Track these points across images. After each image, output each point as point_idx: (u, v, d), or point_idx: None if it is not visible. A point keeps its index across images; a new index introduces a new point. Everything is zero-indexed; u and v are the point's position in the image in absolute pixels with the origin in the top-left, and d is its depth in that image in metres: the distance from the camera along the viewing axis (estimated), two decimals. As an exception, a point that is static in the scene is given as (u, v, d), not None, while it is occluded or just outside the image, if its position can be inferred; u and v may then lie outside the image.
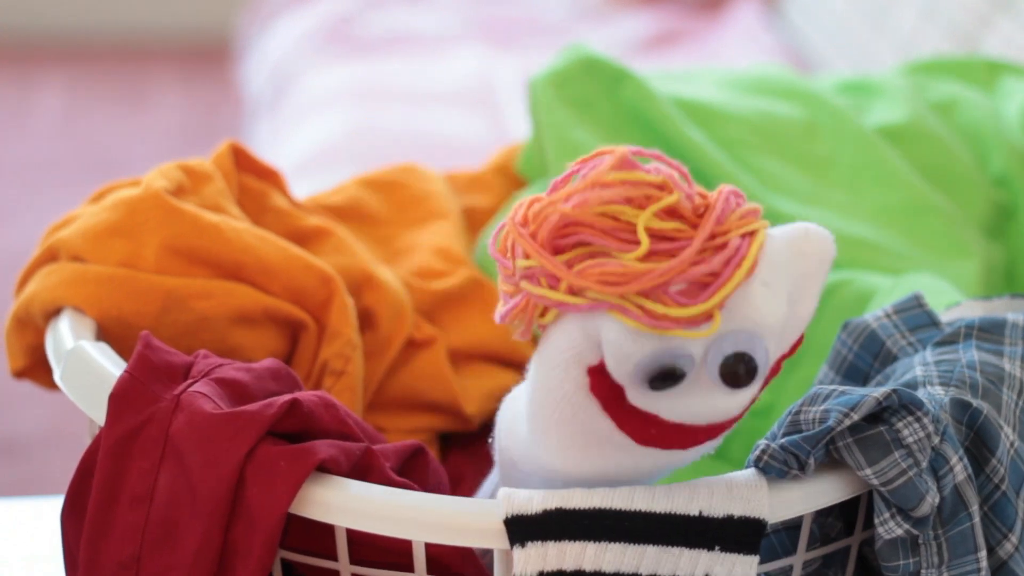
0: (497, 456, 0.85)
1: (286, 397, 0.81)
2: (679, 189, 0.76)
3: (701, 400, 0.77)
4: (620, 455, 0.78)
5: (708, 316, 0.74)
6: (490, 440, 0.86)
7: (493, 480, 0.90)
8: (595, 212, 0.76)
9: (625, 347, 0.75)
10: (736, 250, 0.75)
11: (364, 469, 0.82)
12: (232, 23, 3.28)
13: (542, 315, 0.78)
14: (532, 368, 0.79)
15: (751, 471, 0.80)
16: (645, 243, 0.75)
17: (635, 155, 0.78)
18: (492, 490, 0.90)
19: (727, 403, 0.77)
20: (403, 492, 0.79)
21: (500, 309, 0.79)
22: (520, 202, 0.78)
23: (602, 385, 0.77)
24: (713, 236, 0.75)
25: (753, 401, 0.79)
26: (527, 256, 0.77)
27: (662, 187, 0.76)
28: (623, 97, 1.16)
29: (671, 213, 0.76)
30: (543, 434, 0.79)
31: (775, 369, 0.79)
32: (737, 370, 0.75)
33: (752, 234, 0.76)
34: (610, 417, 0.77)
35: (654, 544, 0.77)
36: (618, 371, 0.76)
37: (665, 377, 0.75)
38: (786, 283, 0.77)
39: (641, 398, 0.76)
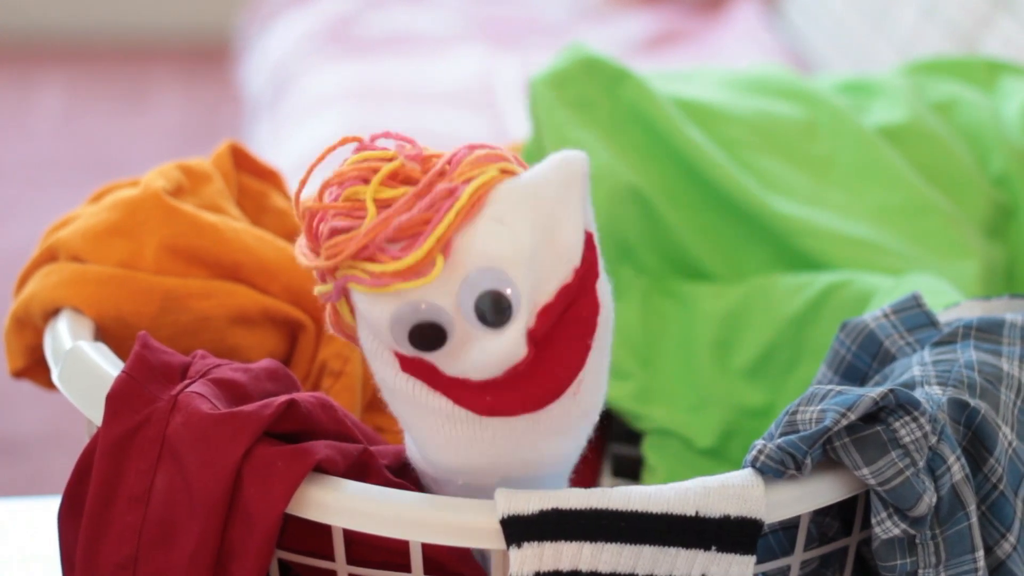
0: (416, 468, 0.85)
1: (283, 398, 0.81)
2: (404, 156, 0.77)
3: (480, 349, 0.76)
4: (483, 437, 0.79)
5: (430, 263, 0.75)
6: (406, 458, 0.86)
7: None
8: (339, 200, 0.77)
9: (370, 313, 0.76)
10: (448, 195, 0.75)
11: (361, 470, 0.82)
12: (232, 23, 3.28)
13: (322, 299, 0.80)
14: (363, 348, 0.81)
15: (748, 471, 0.80)
16: (371, 212, 0.76)
17: (375, 138, 0.80)
18: None
19: (501, 342, 0.76)
20: (400, 492, 0.79)
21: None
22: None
23: (407, 362, 0.78)
24: (434, 182, 0.76)
25: (534, 335, 0.77)
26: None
27: (390, 159, 0.78)
28: (623, 97, 1.16)
29: (405, 181, 0.77)
30: (409, 430, 0.81)
31: (576, 289, 0.78)
32: (488, 307, 0.75)
33: (473, 178, 0.76)
34: (438, 392, 0.78)
35: (650, 544, 0.77)
36: (384, 340, 0.77)
37: (425, 334, 0.76)
38: (528, 213, 0.76)
39: (433, 360, 0.77)
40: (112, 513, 0.81)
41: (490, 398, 0.78)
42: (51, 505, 1.08)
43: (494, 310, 0.76)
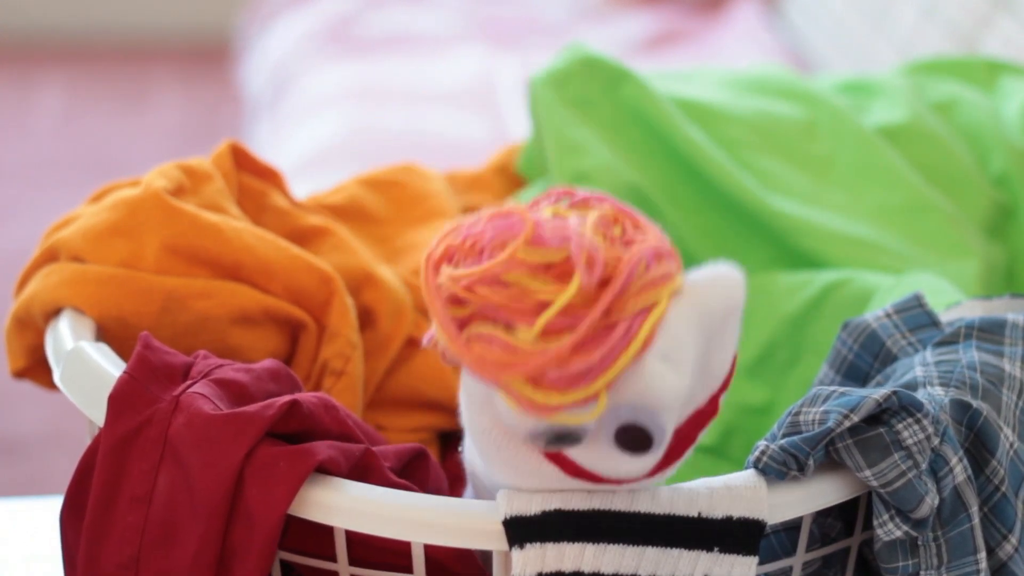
0: (467, 468, 0.85)
1: (286, 398, 0.81)
2: (580, 270, 0.73)
3: (606, 458, 0.76)
4: (560, 482, 0.78)
5: (594, 397, 0.73)
6: (460, 450, 0.86)
7: (469, 491, 0.90)
8: (493, 289, 0.73)
9: (513, 421, 0.74)
10: (625, 332, 0.73)
11: (364, 470, 0.82)
12: (232, 23, 3.28)
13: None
14: (460, 397, 0.79)
15: (750, 472, 0.80)
16: (540, 324, 0.72)
17: (545, 224, 0.74)
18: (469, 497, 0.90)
19: (631, 465, 0.76)
20: (402, 493, 0.79)
21: (425, 338, 0.79)
22: (439, 240, 0.76)
23: None
24: (608, 312, 0.73)
25: (670, 455, 0.77)
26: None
27: (566, 263, 0.73)
28: (623, 97, 1.16)
29: (561, 275, 0.73)
30: (485, 459, 0.79)
31: (710, 411, 0.78)
32: (629, 439, 0.74)
33: (650, 308, 0.73)
34: (544, 458, 0.77)
35: (653, 545, 0.77)
36: (514, 437, 0.76)
37: (561, 440, 0.75)
38: (692, 348, 0.75)
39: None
40: (114, 514, 0.81)
41: (581, 471, 0.77)
42: (52, 505, 1.08)
43: (633, 443, 0.74)
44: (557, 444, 0.74)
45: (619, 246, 0.75)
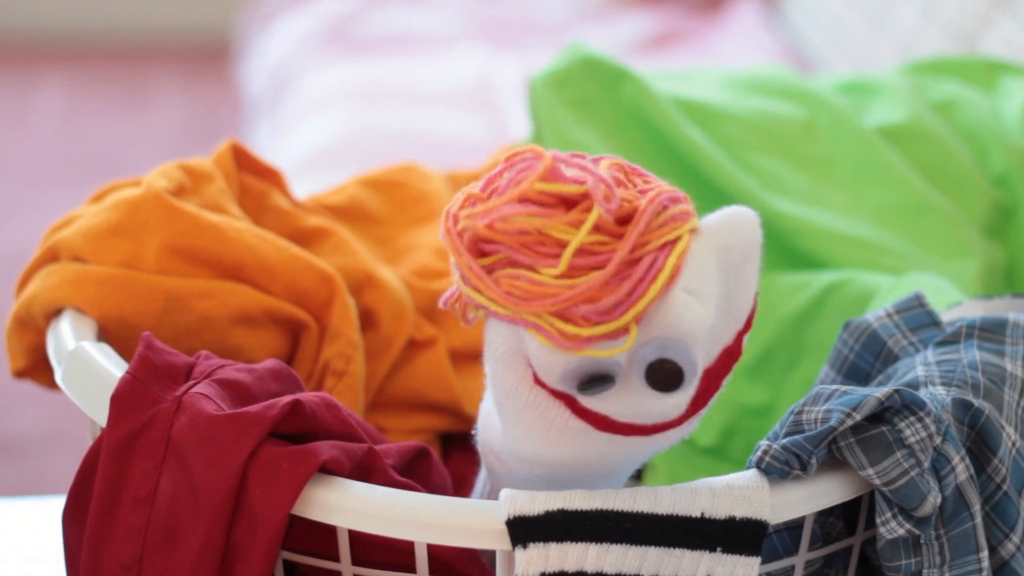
0: (480, 449, 0.85)
1: (288, 398, 0.81)
2: (599, 203, 0.75)
3: (638, 401, 0.77)
4: (586, 441, 0.79)
5: (624, 330, 0.74)
6: (473, 433, 0.86)
7: (481, 479, 0.91)
8: (514, 227, 0.75)
9: (545, 360, 0.76)
10: (650, 266, 0.74)
11: (366, 470, 0.82)
12: (232, 23, 3.28)
13: (477, 307, 0.78)
14: (487, 356, 0.80)
15: (753, 472, 0.80)
16: (565, 261, 0.74)
17: (561, 162, 0.77)
18: (482, 485, 0.90)
19: (664, 405, 0.77)
20: (405, 493, 0.79)
21: (441, 300, 0.80)
22: (461, 193, 0.78)
23: (551, 389, 0.78)
24: (633, 248, 0.75)
25: (700, 397, 0.78)
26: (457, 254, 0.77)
27: (584, 198, 0.76)
28: (623, 97, 1.16)
29: (597, 227, 0.75)
30: (508, 424, 0.80)
31: (735, 350, 0.79)
32: (661, 376, 0.75)
33: (673, 243, 0.75)
34: (563, 404, 0.78)
35: (656, 545, 0.77)
36: (547, 379, 0.76)
37: (593, 382, 0.75)
38: (715, 283, 0.76)
39: (581, 398, 0.77)
40: (117, 514, 0.81)
41: (610, 421, 0.78)
42: (52, 505, 1.08)
43: (669, 381, 0.75)
44: (590, 387, 0.75)
45: (633, 190, 0.77)
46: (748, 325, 0.79)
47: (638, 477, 1.09)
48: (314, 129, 2.14)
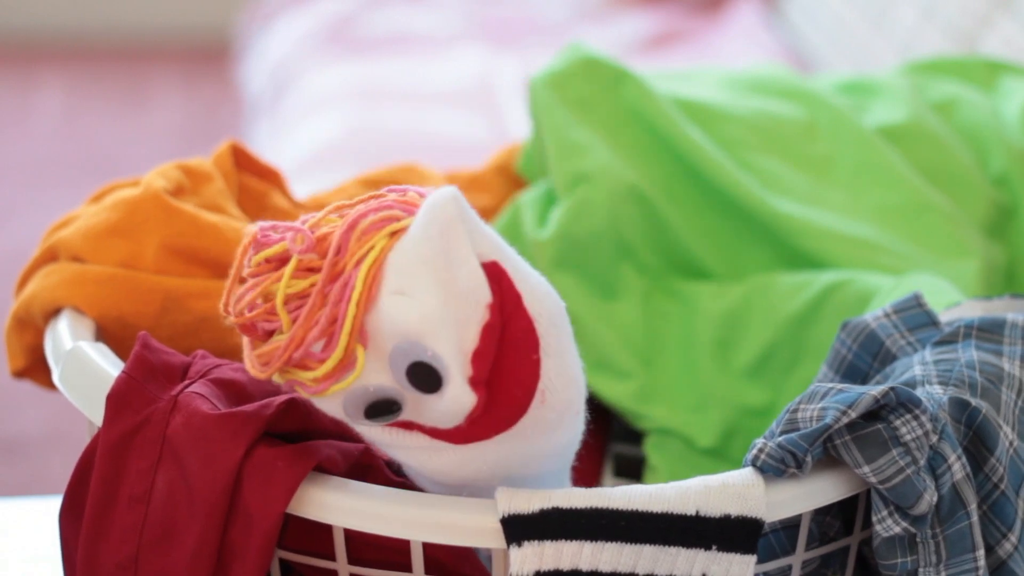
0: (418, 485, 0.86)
1: (283, 397, 0.81)
2: (292, 248, 0.77)
3: (431, 407, 0.77)
4: (465, 456, 0.79)
5: (351, 355, 0.75)
6: None
7: None
8: (245, 305, 0.78)
9: (323, 406, 0.78)
10: (343, 287, 0.75)
11: (362, 469, 0.82)
12: (232, 23, 3.28)
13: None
14: None
15: (748, 470, 0.80)
16: (285, 321, 0.76)
17: (264, 230, 0.78)
18: None
19: (451, 404, 0.77)
20: (400, 492, 0.79)
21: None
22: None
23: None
24: (331, 277, 0.76)
25: (477, 379, 0.77)
26: None
27: (285, 258, 0.77)
28: (623, 97, 1.16)
29: (308, 269, 0.77)
30: (399, 460, 0.82)
31: (496, 324, 0.77)
32: (420, 380, 0.76)
33: (363, 258, 0.76)
34: (415, 430, 0.79)
35: (651, 544, 0.77)
36: (347, 421, 0.78)
37: (380, 410, 0.77)
38: (424, 275, 0.76)
39: (404, 418, 0.78)
40: (113, 513, 0.81)
41: (459, 431, 0.78)
42: (51, 505, 1.08)
43: (425, 380, 0.76)
44: (380, 415, 0.77)
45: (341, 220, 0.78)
46: (499, 294, 0.77)
47: (638, 478, 1.09)
48: (314, 129, 2.14)
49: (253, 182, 1.05)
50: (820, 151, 1.20)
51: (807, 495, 0.80)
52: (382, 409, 0.77)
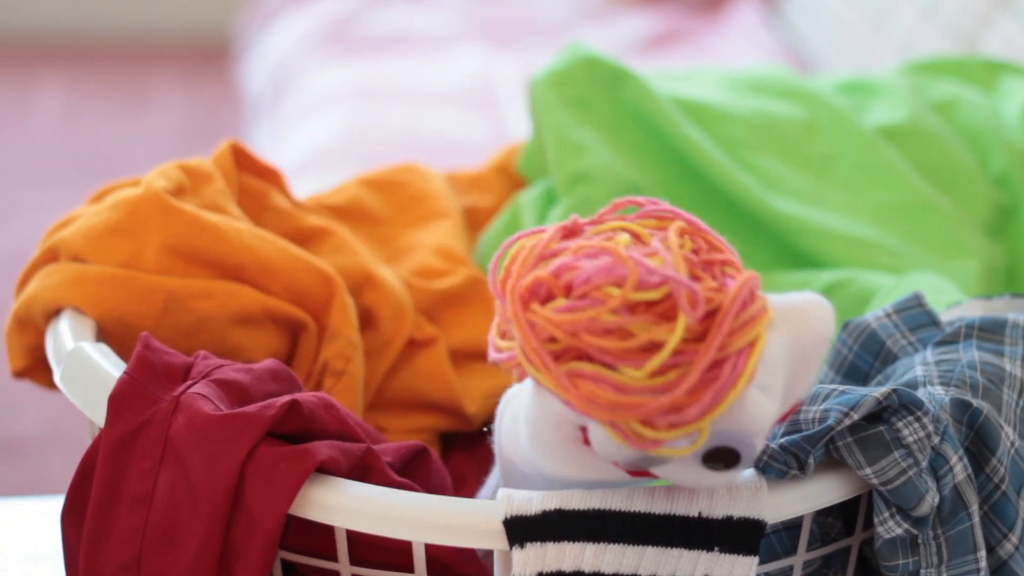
0: (497, 453, 0.85)
1: (286, 398, 0.81)
2: (684, 310, 0.73)
3: (689, 473, 0.77)
4: (617, 474, 0.79)
5: (698, 431, 0.74)
6: (490, 437, 0.86)
7: (495, 477, 0.91)
8: (599, 327, 0.73)
9: (611, 449, 0.75)
10: (732, 370, 0.73)
11: (364, 469, 0.82)
12: (232, 23, 3.28)
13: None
14: (528, 396, 0.78)
15: (750, 472, 0.80)
16: (656, 363, 0.72)
17: (644, 266, 0.74)
18: (495, 487, 0.90)
19: (712, 480, 0.77)
20: (402, 493, 0.79)
21: (493, 353, 0.78)
22: (522, 261, 0.76)
23: None
24: (720, 353, 0.73)
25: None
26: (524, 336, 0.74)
27: (666, 301, 0.74)
28: (623, 97, 1.16)
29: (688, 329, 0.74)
30: (540, 456, 0.79)
31: (779, 421, 0.79)
32: (719, 459, 0.75)
33: (753, 343, 0.74)
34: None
35: (653, 545, 0.77)
36: (606, 459, 0.76)
37: (648, 463, 0.76)
38: (783, 377, 0.76)
39: None
40: (115, 514, 0.81)
41: (649, 474, 0.78)
42: (52, 505, 1.08)
43: (725, 464, 0.75)
44: (643, 466, 0.76)
45: (709, 278, 0.75)
46: (798, 405, 0.79)
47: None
48: (314, 129, 2.14)
49: (253, 182, 1.05)
50: (820, 151, 1.20)
51: (809, 496, 0.80)
52: (652, 463, 0.76)
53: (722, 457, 0.75)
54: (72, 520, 0.83)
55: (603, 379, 0.73)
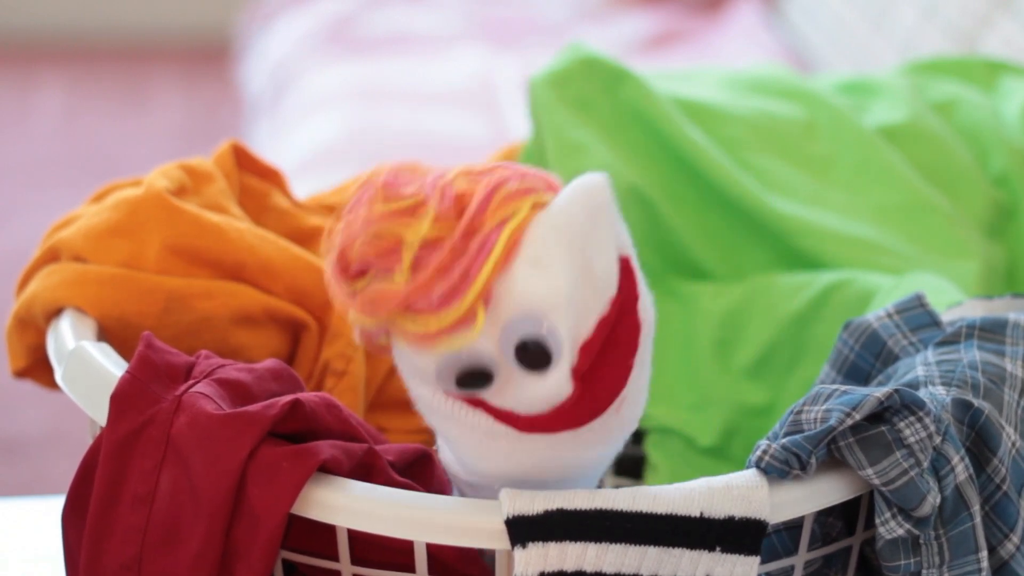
0: (444, 466, 0.85)
1: (288, 398, 0.81)
2: (433, 199, 0.75)
3: (523, 389, 0.77)
4: (519, 447, 0.78)
5: (472, 315, 0.74)
6: (435, 449, 0.86)
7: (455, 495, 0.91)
8: (370, 234, 0.76)
9: (414, 364, 0.76)
10: (482, 244, 0.74)
11: (366, 469, 0.82)
12: (232, 23, 3.28)
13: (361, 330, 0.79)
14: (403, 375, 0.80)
15: (752, 471, 0.80)
16: (407, 261, 0.75)
17: (396, 171, 0.78)
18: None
19: (545, 385, 0.76)
20: (404, 492, 0.79)
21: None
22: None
23: (452, 393, 0.78)
24: (467, 232, 0.75)
25: (596, 376, 0.77)
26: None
27: (419, 204, 0.76)
28: (623, 97, 1.16)
29: (435, 218, 0.76)
30: (445, 439, 0.80)
31: (611, 319, 0.77)
32: (529, 357, 0.75)
33: (509, 219, 0.75)
34: (481, 410, 0.78)
35: (655, 545, 0.77)
36: (431, 384, 0.77)
37: (472, 378, 0.76)
38: (564, 253, 0.75)
39: (486, 398, 0.77)
40: (116, 514, 0.81)
41: (533, 419, 0.78)
42: (52, 505, 1.08)
43: (535, 357, 0.75)
44: (469, 385, 0.76)
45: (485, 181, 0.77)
46: (623, 291, 0.78)
47: (639, 477, 1.10)
48: (314, 129, 2.14)
49: (254, 182, 1.05)
50: (820, 151, 1.20)
51: (811, 497, 0.80)
52: (476, 378, 0.76)
53: (529, 351, 0.75)
54: (73, 520, 0.83)
55: (372, 286, 0.75)
